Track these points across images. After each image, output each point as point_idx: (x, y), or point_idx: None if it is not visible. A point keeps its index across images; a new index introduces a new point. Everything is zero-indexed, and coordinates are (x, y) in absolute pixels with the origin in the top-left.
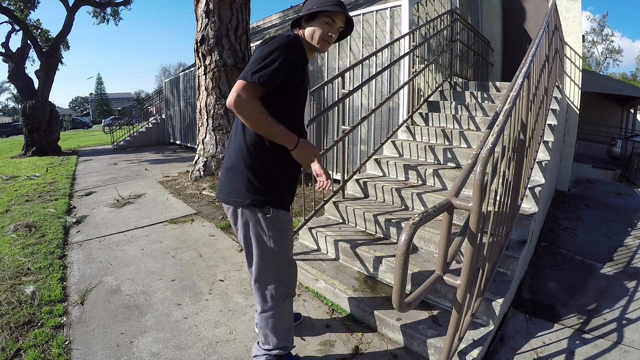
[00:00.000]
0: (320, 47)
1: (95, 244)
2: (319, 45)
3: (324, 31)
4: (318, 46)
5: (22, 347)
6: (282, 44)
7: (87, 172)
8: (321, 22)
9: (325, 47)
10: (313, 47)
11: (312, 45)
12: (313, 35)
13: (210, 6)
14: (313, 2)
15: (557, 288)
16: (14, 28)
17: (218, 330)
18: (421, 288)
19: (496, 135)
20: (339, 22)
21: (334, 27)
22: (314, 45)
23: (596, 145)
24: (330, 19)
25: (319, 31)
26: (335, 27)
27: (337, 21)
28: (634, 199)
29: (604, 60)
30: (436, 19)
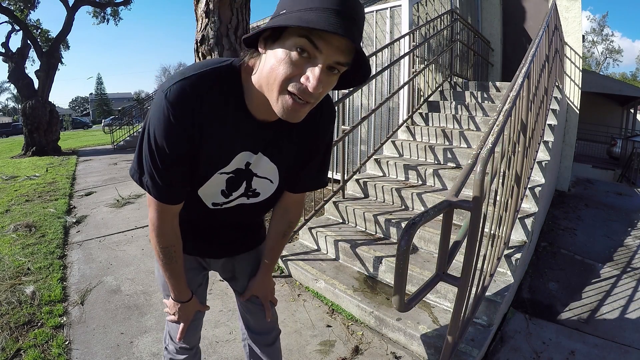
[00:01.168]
0: (282, 111)
1: (95, 244)
2: (280, 109)
3: (288, 72)
4: (279, 110)
5: (22, 347)
6: (150, 120)
7: (87, 172)
8: (291, 50)
9: (292, 114)
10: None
11: (269, 97)
12: (269, 77)
13: (210, 6)
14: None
15: (557, 288)
16: (14, 28)
17: (218, 330)
18: (421, 288)
19: (496, 135)
20: (331, 53)
21: (317, 62)
22: (273, 104)
23: (596, 145)
24: (311, 43)
25: (281, 70)
26: (319, 62)
27: (325, 50)
28: (634, 199)
29: (604, 60)
30: (436, 19)
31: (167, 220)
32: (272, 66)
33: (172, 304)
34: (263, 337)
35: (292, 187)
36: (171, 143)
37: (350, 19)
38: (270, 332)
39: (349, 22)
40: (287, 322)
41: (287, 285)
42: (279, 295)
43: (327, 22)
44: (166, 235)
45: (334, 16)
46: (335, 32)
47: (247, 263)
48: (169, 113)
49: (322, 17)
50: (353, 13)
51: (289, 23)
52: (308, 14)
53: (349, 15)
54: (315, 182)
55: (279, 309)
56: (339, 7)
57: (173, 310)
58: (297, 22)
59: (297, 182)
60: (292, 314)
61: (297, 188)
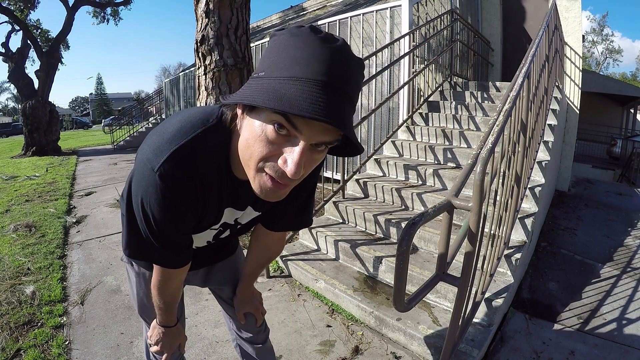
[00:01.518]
0: (260, 192)
1: (95, 244)
2: (257, 189)
3: (264, 152)
4: (256, 189)
5: (22, 347)
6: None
7: (87, 172)
8: (266, 125)
9: (271, 195)
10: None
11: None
12: (244, 152)
13: (210, 6)
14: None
15: (557, 288)
16: (14, 28)
17: (218, 330)
18: (421, 288)
19: (496, 135)
20: (313, 134)
21: (297, 143)
22: (251, 182)
23: (596, 145)
24: (288, 122)
25: (256, 149)
26: (300, 143)
27: (306, 131)
28: (634, 199)
29: (604, 60)
30: (436, 19)
31: (174, 279)
32: (248, 141)
33: (157, 330)
34: (254, 337)
35: (273, 227)
36: (181, 222)
37: (339, 91)
38: (260, 333)
39: (338, 96)
40: (287, 322)
41: (287, 285)
42: (279, 295)
43: (308, 102)
44: (173, 291)
45: (318, 91)
46: (313, 118)
47: (225, 270)
48: (168, 193)
49: (303, 93)
50: (343, 83)
51: (258, 102)
52: (286, 86)
53: (338, 88)
54: (297, 222)
55: (279, 309)
56: (326, 78)
57: (156, 338)
58: (270, 101)
59: (279, 222)
60: (292, 314)
61: (278, 227)
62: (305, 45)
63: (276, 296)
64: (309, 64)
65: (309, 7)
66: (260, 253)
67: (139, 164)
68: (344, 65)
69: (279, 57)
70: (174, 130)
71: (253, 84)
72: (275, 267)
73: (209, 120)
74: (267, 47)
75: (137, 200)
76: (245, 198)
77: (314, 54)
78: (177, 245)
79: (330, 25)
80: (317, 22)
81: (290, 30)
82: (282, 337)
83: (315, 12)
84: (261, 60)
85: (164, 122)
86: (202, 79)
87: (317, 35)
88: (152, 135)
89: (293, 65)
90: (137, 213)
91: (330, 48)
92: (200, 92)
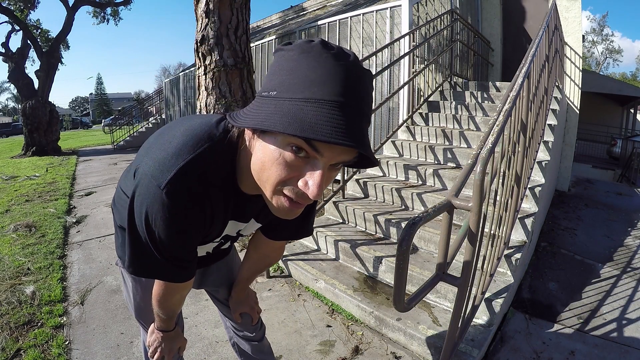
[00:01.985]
0: (278, 212)
1: (95, 244)
2: (275, 209)
3: (283, 175)
4: (273, 210)
5: (22, 347)
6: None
7: (87, 172)
8: (284, 148)
9: (289, 214)
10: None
11: (261, 190)
12: (260, 174)
13: (210, 6)
14: (283, 76)
15: (557, 288)
16: (14, 28)
17: (218, 330)
18: (421, 288)
19: (496, 135)
20: (334, 155)
21: (317, 165)
22: (267, 202)
23: (596, 145)
24: (309, 145)
25: (274, 172)
26: (320, 165)
27: (327, 153)
28: (634, 199)
29: (604, 60)
30: (436, 19)
31: (177, 293)
32: (263, 163)
33: (155, 335)
34: (250, 334)
35: (274, 236)
36: (187, 238)
37: (357, 111)
38: (256, 330)
39: (356, 116)
40: (287, 322)
41: (287, 285)
42: (279, 295)
43: (330, 126)
44: (174, 303)
45: (337, 113)
46: (338, 143)
47: (219, 272)
48: (175, 211)
49: (324, 117)
50: (360, 101)
51: (278, 128)
52: (305, 110)
53: (356, 107)
54: (298, 233)
55: (279, 309)
56: (343, 99)
57: (156, 343)
58: (290, 127)
59: (280, 232)
60: (292, 314)
61: (279, 237)
62: (319, 63)
63: (276, 296)
64: (325, 84)
65: (309, 7)
66: (259, 260)
67: (143, 179)
68: (359, 83)
69: (291, 76)
70: (179, 145)
71: (265, 105)
72: (275, 267)
73: (214, 134)
74: (275, 62)
75: (141, 217)
76: (249, 211)
77: (329, 74)
78: (183, 260)
79: (330, 25)
80: (317, 22)
81: (300, 46)
82: (282, 337)
83: (315, 12)
84: (270, 78)
85: (165, 134)
86: (202, 79)
87: (329, 52)
88: (154, 148)
89: (308, 86)
90: (140, 229)
91: (344, 66)
92: (200, 92)
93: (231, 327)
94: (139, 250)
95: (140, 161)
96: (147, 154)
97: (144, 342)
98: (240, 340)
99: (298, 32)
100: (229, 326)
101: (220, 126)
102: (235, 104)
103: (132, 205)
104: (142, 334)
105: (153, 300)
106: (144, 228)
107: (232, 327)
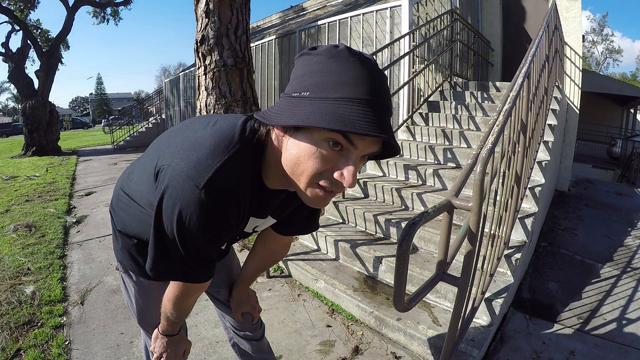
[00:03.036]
0: (311, 202)
1: (95, 244)
2: (308, 199)
3: (319, 167)
4: (307, 200)
5: (22, 347)
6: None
7: (87, 172)
8: (319, 143)
9: (321, 203)
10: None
11: (294, 183)
12: (294, 168)
13: (210, 6)
14: (315, 78)
15: (557, 288)
16: (14, 28)
17: (218, 330)
18: (421, 288)
19: (496, 135)
20: (366, 146)
21: (351, 156)
22: (300, 193)
23: (596, 145)
24: (346, 139)
25: (310, 165)
26: (353, 156)
27: (361, 146)
28: (634, 199)
29: (604, 60)
30: (436, 19)
31: (195, 293)
32: (298, 157)
33: (160, 340)
34: (250, 333)
35: (284, 232)
36: (220, 236)
37: (383, 107)
38: (256, 329)
39: (384, 112)
40: (287, 322)
41: (287, 285)
42: (279, 295)
43: (365, 121)
44: (189, 305)
45: (369, 110)
46: (373, 135)
47: (220, 272)
48: (213, 209)
49: (359, 113)
50: (385, 99)
51: (322, 125)
52: (341, 108)
53: (382, 104)
54: (306, 227)
55: (279, 309)
56: (371, 97)
57: (160, 348)
58: (332, 123)
59: (290, 227)
60: (292, 314)
61: (289, 232)
62: (348, 67)
63: (276, 296)
64: (356, 85)
65: (309, 7)
66: (266, 257)
67: (176, 180)
68: (382, 83)
69: (324, 79)
70: (212, 145)
71: (299, 105)
72: (275, 267)
73: (244, 134)
74: (302, 65)
75: (173, 217)
76: (269, 207)
77: (357, 75)
78: (209, 260)
79: (330, 25)
80: (317, 22)
81: (329, 51)
82: (282, 337)
83: (315, 12)
84: (300, 80)
85: (188, 133)
86: (202, 79)
87: (355, 57)
88: (181, 148)
89: (342, 87)
90: (169, 230)
91: (369, 68)
92: (200, 92)
93: (231, 327)
94: (164, 253)
95: (161, 162)
96: (174, 155)
97: (146, 345)
98: (241, 340)
99: (298, 32)
100: (228, 326)
101: (247, 126)
102: (235, 104)
103: (160, 207)
104: (143, 336)
105: (167, 303)
106: (174, 228)
107: (232, 327)
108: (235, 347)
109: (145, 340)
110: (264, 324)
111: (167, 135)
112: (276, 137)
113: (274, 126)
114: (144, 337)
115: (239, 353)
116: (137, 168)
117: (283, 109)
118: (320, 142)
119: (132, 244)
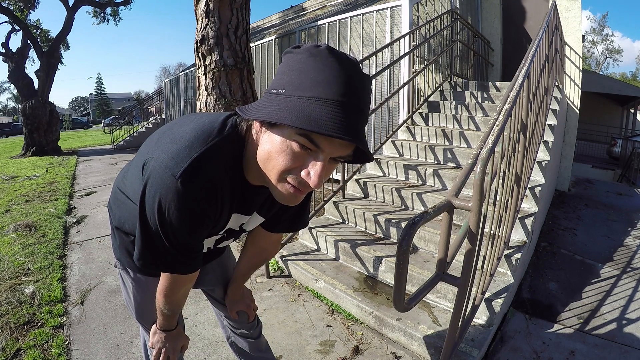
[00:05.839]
0: (281, 198)
1: (95, 244)
2: (278, 195)
3: (288, 164)
4: (277, 196)
5: (22, 347)
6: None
7: (87, 172)
8: (290, 141)
9: (292, 200)
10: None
11: (267, 178)
12: (265, 163)
13: (210, 6)
14: (292, 76)
15: (557, 288)
16: (14, 28)
17: (218, 330)
18: (421, 288)
19: (496, 135)
20: (333, 149)
21: (319, 157)
22: (272, 189)
23: (596, 145)
24: (311, 142)
25: (280, 161)
26: (322, 157)
27: (327, 148)
28: (634, 199)
29: (604, 60)
30: (436, 19)
31: (183, 285)
32: (270, 153)
33: (158, 336)
34: (247, 332)
35: (272, 229)
36: (199, 227)
37: (356, 110)
38: (253, 327)
39: (356, 115)
40: (287, 322)
41: (287, 285)
42: (279, 295)
43: (332, 122)
44: (180, 297)
45: (339, 111)
46: (337, 137)
47: (215, 271)
48: (189, 199)
49: (327, 114)
50: (359, 102)
51: (286, 122)
52: (311, 106)
53: (356, 107)
54: (295, 224)
55: (279, 309)
56: (344, 99)
57: (159, 343)
58: (297, 120)
59: (279, 224)
60: (292, 314)
61: (277, 229)
62: (325, 66)
63: (276, 296)
64: (329, 85)
65: (309, 7)
66: (256, 254)
67: (156, 170)
68: (359, 85)
69: (299, 77)
70: (191, 138)
71: (274, 101)
72: (275, 267)
73: (224, 128)
74: (284, 63)
75: (154, 206)
76: (253, 203)
77: (333, 76)
78: (191, 250)
79: (330, 25)
80: (317, 22)
81: (308, 50)
82: (282, 337)
83: (315, 12)
84: (279, 77)
85: (174, 128)
86: (202, 79)
87: (335, 57)
88: (164, 142)
89: (315, 86)
90: (152, 220)
91: (347, 69)
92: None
93: (228, 326)
94: (149, 243)
95: (147, 156)
96: (157, 148)
97: (145, 342)
98: (238, 338)
99: (298, 32)
100: (225, 325)
101: (228, 121)
102: (235, 103)
103: (143, 197)
104: (142, 333)
105: (158, 295)
106: (155, 218)
107: (229, 325)
108: (233, 346)
109: (144, 337)
110: (261, 323)
111: (159, 132)
112: (256, 132)
113: (254, 121)
114: (143, 334)
115: (237, 351)
116: (131, 166)
117: (261, 104)
118: (290, 139)
119: (129, 240)
